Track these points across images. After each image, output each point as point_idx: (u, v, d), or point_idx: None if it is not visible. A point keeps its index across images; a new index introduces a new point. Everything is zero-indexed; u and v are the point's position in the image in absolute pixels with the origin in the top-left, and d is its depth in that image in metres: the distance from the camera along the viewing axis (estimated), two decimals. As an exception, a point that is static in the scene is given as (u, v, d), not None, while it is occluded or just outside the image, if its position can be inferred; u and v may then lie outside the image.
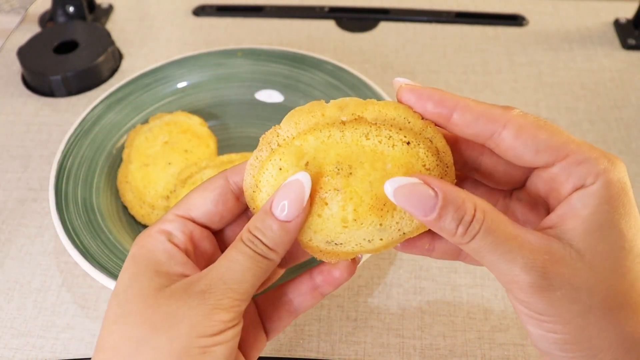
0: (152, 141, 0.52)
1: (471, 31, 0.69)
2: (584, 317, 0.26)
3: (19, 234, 0.50)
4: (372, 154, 0.28)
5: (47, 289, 0.46)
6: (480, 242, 0.26)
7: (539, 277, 0.25)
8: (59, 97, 0.62)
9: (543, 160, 0.27)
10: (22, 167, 0.55)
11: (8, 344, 0.43)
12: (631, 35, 0.67)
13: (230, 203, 0.31)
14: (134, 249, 0.30)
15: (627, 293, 0.26)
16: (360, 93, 0.54)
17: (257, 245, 0.28)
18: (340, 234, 0.29)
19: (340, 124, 0.29)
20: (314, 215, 0.29)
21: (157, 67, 0.57)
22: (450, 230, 0.26)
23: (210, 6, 0.74)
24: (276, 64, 0.58)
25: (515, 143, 0.27)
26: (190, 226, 0.31)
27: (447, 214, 0.26)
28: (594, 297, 0.25)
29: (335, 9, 0.73)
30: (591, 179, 0.26)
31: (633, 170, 0.54)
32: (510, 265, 0.25)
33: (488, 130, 0.27)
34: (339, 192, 0.29)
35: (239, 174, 0.31)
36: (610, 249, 0.26)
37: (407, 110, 0.29)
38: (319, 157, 0.29)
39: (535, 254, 0.25)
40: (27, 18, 0.74)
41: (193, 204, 0.31)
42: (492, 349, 0.42)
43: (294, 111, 0.30)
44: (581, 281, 0.25)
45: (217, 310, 0.27)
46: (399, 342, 0.42)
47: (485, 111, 0.27)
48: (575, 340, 0.26)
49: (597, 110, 0.60)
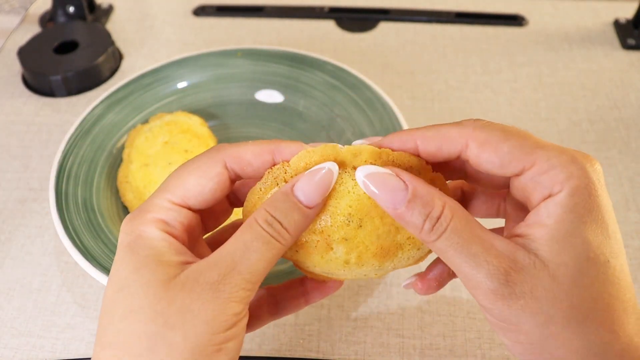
0: (152, 141, 0.52)
1: (471, 31, 0.70)
2: (545, 327, 0.25)
3: (19, 234, 0.50)
4: (382, 209, 0.28)
5: (47, 289, 0.46)
6: (447, 242, 0.26)
7: (501, 285, 0.25)
8: (59, 97, 0.62)
9: (511, 172, 0.27)
10: (22, 167, 0.55)
11: (8, 344, 0.43)
12: (631, 35, 0.67)
13: (227, 189, 0.30)
14: (127, 238, 0.28)
15: (592, 303, 0.25)
16: (360, 93, 0.54)
17: (275, 227, 0.27)
18: (339, 270, 0.30)
19: (353, 169, 0.29)
20: (317, 256, 0.29)
21: (157, 67, 0.57)
22: (417, 224, 0.26)
23: (210, 6, 0.74)
24: (276, 64, 0.58)
25: (480, 159, 0.27)
26: (189, 216, 0.29)
27: (415, 207, 0.26)
28: (556, 308, 0.25)
29: (335, 9, 0.73)
30: (557, 187, 0.26)
31: (633, 170, 0.54)
32: (474, 270, 0.25)
33: (453, 152, 0.28)
34: (347, 242, 0.29)
35: (239, 164, 0.29)
36: (574, 259, 0.25)
37: (419, 161, 0.29)
38: (330, 205, 0.29)
39: (500, 260, 0.25)
40: (28, 18, 0.74)
41: (189, 192, 0.29)
42: (492, 349, 0.42)
43: (305, 152, 0.29)
44: (544, 292, 0.25)
45: (232, 303, 0.26)
46: (399, 342, 0.42)
47: (444, 136, 0.28)
48: (538, 350, 0.26)
49: (596, 110, 0.60)
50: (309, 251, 0.29)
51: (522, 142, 0.27)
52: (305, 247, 0.29)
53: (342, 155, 0.29)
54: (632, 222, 0.50)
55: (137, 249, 0.27)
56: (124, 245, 0.28)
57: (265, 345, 0.42)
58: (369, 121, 0.52)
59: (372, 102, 0.53)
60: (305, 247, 0.29)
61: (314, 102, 0.56)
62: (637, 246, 0.48)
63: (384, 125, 0.51)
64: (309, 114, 0.56)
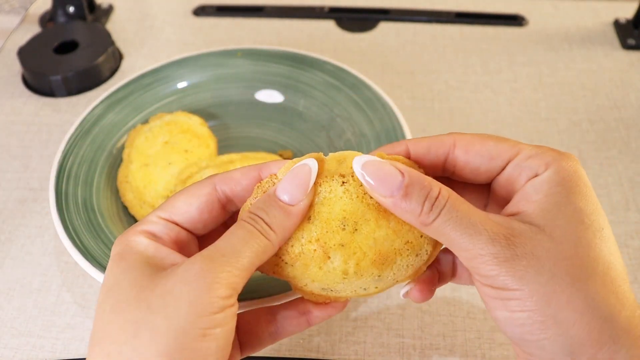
0: (152, 141, 0.52)
1: (471, 31, 0.70)
2: (548, 286, 0.25)
3: (19, 234, 0.50)
4: (376, 212, 0.29)
5: (47, 289, 0.46)
6: (446, 217, 0.26)
7: (502, 247, 0.25)
8: (59, 97, 0.62)
9: (498, 165, 0.29)
10: (22, 167, 0.55)
11: (8, 344, 0.43)
12: (631, 35, 0.67)
13: (215, 211, 0.31)
14: (117, 248, 0.29)
15: (592, 265, 0.25)
16: (360, 93, 0.54)
17: (258, 222, 0.28)
18: (338, 284, 0.29)
19: (340, 176, 0.29)
20: (315, 267, 0.29)
21: (157, 67, 0.57)
22: (416, 206, 0.27)
23: (210, 6, 0.74)
24: (276, 64, 0.58)
25: (468, 157, 0.29)
26: (176, 230, 0.30)
27: (414, 191, 0.27)
28: (558, 267, 0.25)
29: (335, 9, 0.73)
30: (542, 168, 0.27)
31: (633, 170, 0.54)
32: (474, 238, 0.26)
33: (442, 153, 0.29)
34: (343, 248, 0.29)
35: (229, 184, 0.30)
36: (569, 223, 0.26)
37: (411, 164, 0.30)
38: (323, 212, 0.29)
39: (499, 227, 0.26)
40: (28, 18, 0.74)
41: (178, 209, 0.30)
42: (492, 349, 0.42)
43: (291, 162, 0.30)
44: (544, 251, 0.25)
45: (217, 285, 0.26)
46: (399, 342, 0.42)
47: (432, 138, 0.30)
48: (542, 315, 0.25)
49: (596, 110, 0.60)
50: (306, 262, 0.29)
51: (505, 140, 0.29)
52: (302, 258, 0.29)
53: (327, 163, 0.29)
54: (632, 222, 0.50)
55: (126, 255, 0.28)
56: (113, 255, 0.29)
57: (265, 345, 0.42)
58: (369, 121, 0.52)
59: (372, 102, 0.53)
60: (302, 258, 0.29)
61: (314, 102, 0.56)
62: (637, 246, 0.48)
63: (384, 125, 0.50)
64: (309, 114, 0.56)
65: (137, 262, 0.27)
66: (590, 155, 0.55)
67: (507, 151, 0.28)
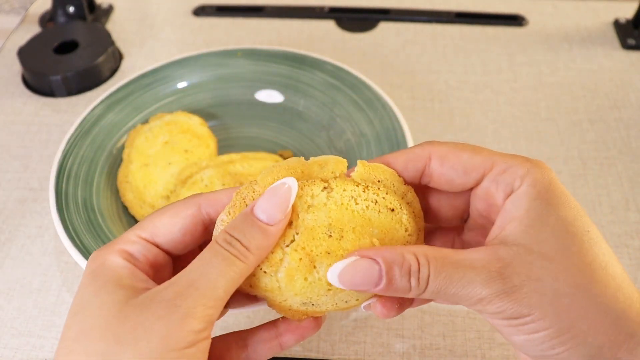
0: (152, 141, 0.52)
1: (471, 31, 0.70)
2: (557, 302, 0.25)
3: (19, 234, 0.50)
4: (361, 219, 0.28)
5: (47, 289, 0.46)
6: (435, 283, 0.26)
7: (499, 285, 0.25)
8: (59, 97, 0.62)
9: (473, 179, 0.29)
10: (22, 167, 0.55)
11: (8, 344, 0.43)
12: (631, 35, 0.67)
13: (198, 233, 0.30)
14: (91, 265, 0.28)
15: (590, 269, 0.26)
16: (360, 93, 0.54)
17: (235, 245, 0.27)
18: (322, 296, 0.29)
19: (322, 181, 0.29)
20: (300, 278, 0.28)
21: (157, 67, 0.57)
22: (404, 287, 0.26)
23: (210, 6, 0.74)
24: (276, 64, 0.58)
25: (443, 170, 0.29)
26: (154, 252, 0.29)
27: (395, 274, 0.26)
28: (558, 282, 0.25)
29: (335, 9, 0.73)
30: (518, 182, 0.27)
31: (633, 170, 0.54)
32: (470, 288, 0.26)
33: (419, 167, 0.29)
34: (329, 256, 0.28)
35: (214, 206, 0.29)
36: (555, 235, 0.26)
37: (393, 174, 0.30)
38: (307, 219, 0.28)
39: (486, 267, 0.26)
40: (28, 18, 0.74)
41: (160, 230, 0.29)
42: (491, 349, 0.42)
43: (272, 167, 0.29)
44: (540, 271, 0.25)
45: (190, 319, 0.25)
46: (399, 342, 0.42)
47: (409, 153, 0.30)
48: (559, 330, 0.25)
49: (596, 110, 0.60)
50: (290, 274, 0.28)
51: (479, 151, 0.29)
52: (288, 269, 0.28)
53: (309, 167, 0.29)
54: (632, 222, 0.50)
55: (98, 274, 0.27)
56: (87, 273, 0.28)
57: (265, 345, 0.42)
58: (369, 121, 0.52)
59: (372, 102, 0.53)
60: (288, 269, 0.28)
61: (314, 102, 0.56)
62: (637, 246, 0.48)
63: (383, 125, 0.51)
64: (309, 114, 0.56)
65: (110, 284, 0.26)
66: (590, 155, 0.55)
67: (481, 165, 0.28)
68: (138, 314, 0.25)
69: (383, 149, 0.49)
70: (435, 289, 0.26)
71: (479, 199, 0.30)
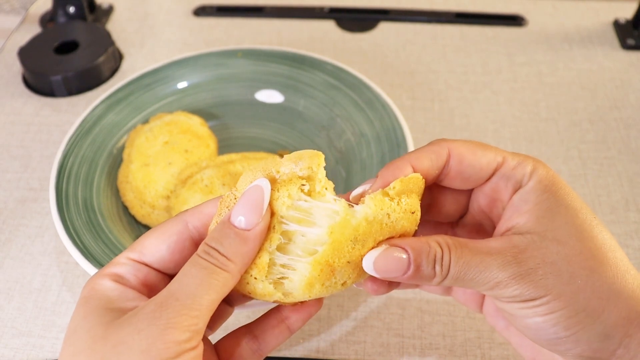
0: (152, 141, 0.52)
1: (471, 31, 0.70)
2: (572, 283, 0.26)
3: (20, 233, 0.50)
4: (388, 228, 0.29)
5: (47, 289, 0.46)
6: (456, 268, 0.27)
7: (515, 268, 0.27)
8: (59, 97, 0.62)
9: (485, 175, 0.30)
10: (22, 167, 0.55)
11: (8, 344, 0.43)
12: (630, 36, 0.67)
13: (187, 250, 0.30)
14: (84, 291, 0.28)
15: (601, 253, 0.27)
16: (360, 93, 0.54)
17: (214, 255, 0.27)
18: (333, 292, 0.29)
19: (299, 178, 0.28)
20: (318, 285, 0.28)
21: (157, 67, 0.57)
22: (429, 274, 0.28)
23: (210, 6, 0.74)
24: (276, 64, 0.58)
25: (462, 168, 0.30)
26: (144, 271, 0.29)
27: (422, 262, 0.28)
28: (572, 264, 0.27)
29: (335, 10, 0.73)
30: (526, 178, 0.29)
31: (633, 170, 0.54)
32: (487, 272, 0.27)
33: (440, 167, 0.30)
34: (349, 264, 0.28)
35: (200, 218, 0.29)
36: (566, 222, 0.28)
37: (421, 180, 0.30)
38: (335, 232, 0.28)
39: (504, 252, 0.27)
40: (28, 18, 0.74)
41: (148, 249, 0.29)
42: (491, 349, 0.42)
43: (248, 171, 0.29)
44: (554, 255, 0.27)
45: (171, 330, 0.25)
46: (398, 342, 0.42)
47: (430, 153, 0.30)
48: (574, 310, 0.26)
49: (596, 110, 0.60)
50: (311, 283, 0.28)
51: (487, 148, 0.30)
52: (309, 279, 0.28)
53: (283, 165, 0.29)
54: (632, 222, 0.50)
55: (89, 299, 0.28)
56: (79, 298, 0.28)
57: (265, 345, 0.42)
58: (369, 121, 0.52)
59: (372, 102, 0.53)
60: (309, 279, 0.28)
61: (314, 102, 0.56)
62: (637, 246, 0.48)
63: (383, 125, 0.51)
64: (309, 114, 0.56)
65: (98, 307, 0.27)
66: (590, 155, 0.55)
67: (493, 161, 0.30)
68: (120, 331, 0.25)
69: (383, 149, 0.49)
70: (455, 274, 0.27)
71: (484, 195, 0.31)
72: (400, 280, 0.28)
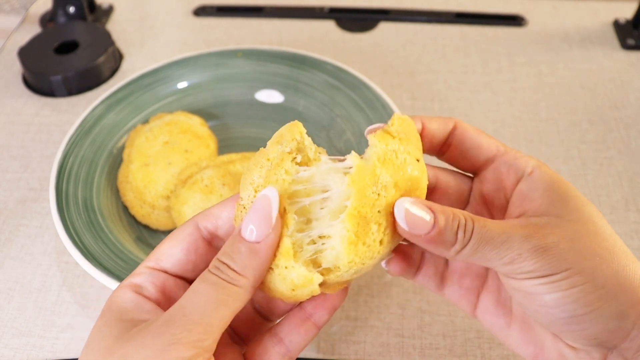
0: (152, 141, 0.52)
1: (471, 31, 0.70)
2: (592, 260, 0.27)
3: (20, 233, 0.50)
4: (400, 173, 0.28)
5: (47, 289, 0.46)
6: (477, 236, 0.27)
7: (537, 240, 0.27)
8: (59, 97, 0.62)
9: (484, 157, 0.31)
10: (22, 167, 0.55)
11: (9, 344, 0.43)
12: (630, 36, 0.67)
13: (201, 250, 0.30)
14: (105, 305, 0.29)
15: (612, 239, 0.28)
16: (360, 93, 0.54)
17: (224, 270, 0.27)
18: (370, 260, 0.28)
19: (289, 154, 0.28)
20: (360, 244, 0.28)
21: (157, 67, 0.57)
22: (451, 239, 0.28)
23: (210, 6, 0.74)
24: (276, 64, 0.58)
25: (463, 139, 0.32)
26: (161, 277, 0.29)
27: (447, 225, 0.28)
28: (591, 243, 0.27)
29: (335, 10, 0.73)
30: (529, 169, 0.30)
31: (633, 170, 0.54)
32: (508, 243, 0.27)
33: (446, 132, 0.32)
34: (380, 214, 0.28)
35: (209, 219, 0.30)
36: (578, 208, 0.29)
37: (417, 133, 0.31)
38: (356, 179, 0.27)
39: (525, 227, 0.28)
40: (28, 18, 0.74)
41: (163, 254, 0.29)
42: (491, 349, 0.42)
43: (244, 175, 0.28)
44: (573, 233, 0.28)
45: (175, 345, 0.24)
46: (398, 342, 0.42)
47: (438, 118, 0.32)
48: (595, 286, 0.27)
49: (596, 110, 0.60)
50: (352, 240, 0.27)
51: (493, 137, 0.32)
52: (349, 238, 0.27)
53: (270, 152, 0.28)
54: (632, 222, 0.50)
55: (106, 310, 0.28)
56: (101, 312, 0.28)
57: (265, 344, 0.42)
58: (369, 121, 0.52)
59: (372, 102, 0.53)
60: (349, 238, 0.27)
61: (314, 102, 0.56)
62: (637, 246, 0.48)
63: (383, 125, 0.51)
64: (309, 114, 0.56)
65: (112, 319, 0.27)
66: (590, 155, 0.55)
67: (494, 145, 0.31)
68: (127, 345, 0.25)
69: (383, 149, 0.49)
70: (475, 243, 0.27)
71: (486, 182, 0.32)
72: (423, 241, 0.28)
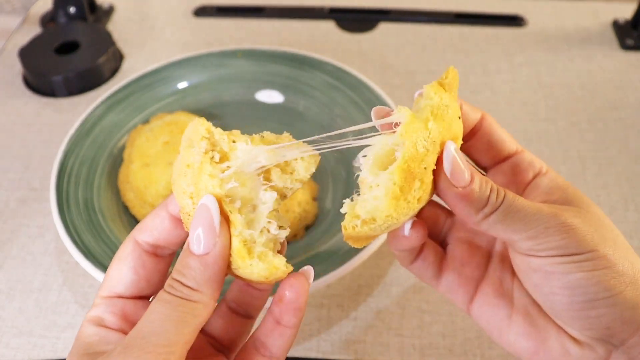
0: (153, 141, 0.52)
1: (471, 32, 0.70)
2: (613, 247, 0.28)
3: (20, 233, 0.50)
4: (447, 127, 0.28)
5: (48, 289, 0.46)
6: (507, 205, 0.28)
7: (565, 219, 0.27)
8: (60, 97, 0.62)
9: (505, 151, 0.33)
10: (23, 167, 0.55)
11: (9, 344, 0.43)
12: (629, 36, 0.67)
13: (148, 264, 0.29)
14: (74, 341, 0.28)
15: (621, 237, 0.29)
16: (360, 93, 0.54)
17: (178, 288, 0.26)
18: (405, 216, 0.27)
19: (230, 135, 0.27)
20: (402, 200, 0.26)
21: (157, 67, 0.57)
22: (483, 198, 0.28)
23: (210, 7, 0.74)
24: (276, 65, 0.58)
25: (490, 130, 0.33)
26: (119, 304, 0.29)
27: (482, 184, 0.28)
28: (612, 233, 0.29)
29: (335, 10, 0.73)
30: (544, 169, 0.32)
31: (632, 170, 0.54)
32: (537, 216, 0.27)
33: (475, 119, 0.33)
34: (426, 171, 0.27)
35: (145, 232, 0.29)
36: (589, 205, 0.30)
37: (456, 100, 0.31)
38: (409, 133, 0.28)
39: (552, 207, 0.28)
40: (29, 19, 0.74)
41: (113, 279, 0.29)
42: (491, 348, 0.42)
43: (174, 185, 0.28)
44: (596, 222, 0.29)
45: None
46: (398, 341, 0.42)
47: (470, 106, 0.33)
48: (617, 272, 0.27)
49: (595, 110, 0.60)
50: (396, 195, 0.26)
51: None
52: (394, 192, 0.26)
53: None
54: (631, 221, 0.50)
55: (74, 348, 0.28)
56: (71, 348, 0.28)
57: (265, 344, 0.42)
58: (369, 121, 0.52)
59: (372, 103, 0.53)
60: (394, 192, 0.26)
61: (314, 102, 0.56)
62: (637, 246, 0.48)
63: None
64: (309, 114, 0.56)
65: (78, 355, 0.27)
66: (590, 156, 0.55)
67: (514, 144, 0.33)
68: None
69: (383, 149, 0.49)
70: (504, 210, 0.28)
71: (502, 173, 0.33)
72: (457, 196, 0.27)
